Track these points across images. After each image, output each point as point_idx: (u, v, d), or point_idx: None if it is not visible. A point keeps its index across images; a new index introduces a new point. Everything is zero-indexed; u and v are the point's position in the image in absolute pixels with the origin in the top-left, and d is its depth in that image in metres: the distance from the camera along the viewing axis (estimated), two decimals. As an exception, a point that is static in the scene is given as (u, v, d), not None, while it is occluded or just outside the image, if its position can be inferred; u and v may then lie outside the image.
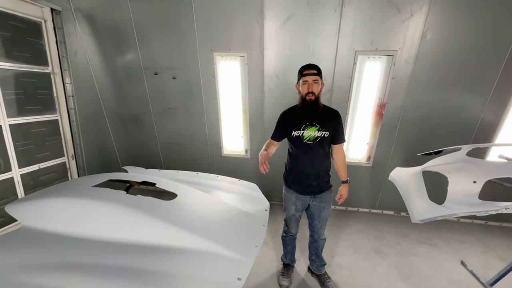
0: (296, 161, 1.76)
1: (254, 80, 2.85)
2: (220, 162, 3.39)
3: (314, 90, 1.58)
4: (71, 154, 3.01)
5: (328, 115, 1.68)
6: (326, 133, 1.65)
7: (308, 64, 1.63)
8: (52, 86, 2.75)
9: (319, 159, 1.71)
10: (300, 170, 1.75)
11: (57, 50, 2.76)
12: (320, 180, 1.75)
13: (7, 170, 2.36)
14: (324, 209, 1.81)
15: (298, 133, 1.68)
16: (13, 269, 1.06)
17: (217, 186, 2.06)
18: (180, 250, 1.19)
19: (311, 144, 1.67)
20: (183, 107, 3.19)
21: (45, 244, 1.23)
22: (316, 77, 1.58)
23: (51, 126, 2.76)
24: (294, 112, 1.73)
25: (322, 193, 1.78)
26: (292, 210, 1.88)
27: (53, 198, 1.46)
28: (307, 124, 1.66)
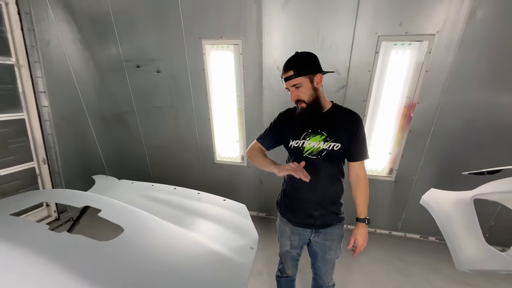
0: (294, 180, 1.21)
1: (251, 73, 2.36)
2: (213, 169, 2.93)
3: (301, 97, 1.15)
4: (42, 158, 2.63)
5: (341, 119, 1.18)
6: (337, 145, 1.16)
7: (285, 63, 1.16)
8: (17, 80, 2.38)
9: (325, 181, 1.20)
10: (297, 194, 1.27)
11: (23, 39, 2.38)
12: (324, 210, 1.24)
13: (-46, 179, 2.00)
14: (330, 250, 1.30)
15: (297, 143, 1.21)
16: None
17: (194, 208, 1.59)
18: None
19: (314, 160, 1.18)
20: (169, 105, 2.75)
21: None
22: (296, 81, 1.12)
23: (15, 127, 2.39)
24: (294, 115, 1.25)
25: (327, 227, 1.27)
26: (286, 246, 1.39)
27: None
28: (309, 132, 1.19)
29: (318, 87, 1.15)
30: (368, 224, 1.23)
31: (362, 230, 1.22)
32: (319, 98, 1.17)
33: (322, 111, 1.19)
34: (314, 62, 1.15)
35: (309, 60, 1.15)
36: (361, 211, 1.23)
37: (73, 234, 1.04)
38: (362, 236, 1.22)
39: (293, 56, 1.17)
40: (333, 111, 1.20)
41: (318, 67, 1.16)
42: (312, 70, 1.13)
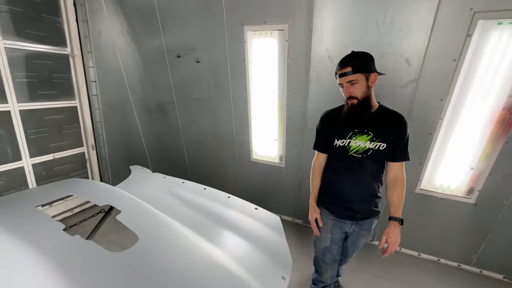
0: (336, 176, 1.33)
1: (296, 63, 2.06)
2: (248, 168, 2.74)
3: (355, 94, 1.16)
4: (91, 144, 2.79)
5: (387, 121, 1.21)
6: (382, 145, 1.20)
7: (341, 60, 1.19)
8: (71, 69, 2.51)
9: (368, 179, 1.26)
10: (339, 190, 1.32)
11: (78, 30, 2.49)
12: (366, 205, 1.30)
13: (17, 159, 2.19)
14: (362, 237, 1.40)
15: (343, 142, 1.25)
16: None
17: (222, 216, 1.41)
18: None
19: (360, 159, 1.23)
20: (207, 98, 2.62)
21: None
22: (353, 77, 1.14)
23: (69, 114, 2.55)
24: (339, 114, 1.28)
25: (366, 219, 1.34)
26: (326, 241, 1.41)
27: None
28: (355, 131, 1.22)
29: (372, 86, 1.17)
30: (401, 224, 1.22)
31: (395, 229, 1.21)
32: (370, 97, 1.19)
33: (371, 110, 1.21)
34: (371, 61, 1.18)
35: (367, 58, 1.17)
36: (395, 210, 1.24)
37: (84, 240, 0.94)
38: (395, 235, 1.20)
39: (350, 54, 1.19)
40: (380, 112, 1.22)
41: (374, 66, 1.18)
42: (369, 69, 1.15)
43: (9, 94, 2.07)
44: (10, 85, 2.07)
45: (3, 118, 2.06)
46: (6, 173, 2.13)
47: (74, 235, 0.95)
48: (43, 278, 0.76)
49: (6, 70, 2.03)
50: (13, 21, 2.03)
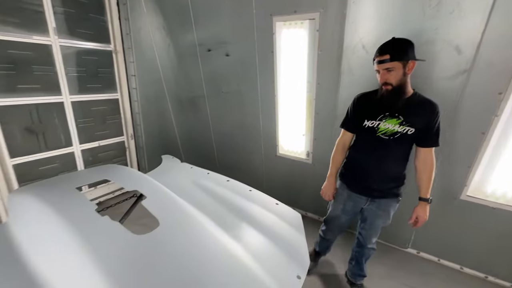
0: (360, 155, 1.43)
1: (327, 55, 1.95)
2: (274, 162, 2.72)
3: (390, 80, 1.21)
4: (130, 134, 3.03)
5: (419, 107, 1.26)
6: (411, 130, 1.26)
7: (380, 47, 1.23)
8: (114, 64, 2.73)
9: (391, 161, 1.34)
10: (360, 167, 1.43)
11: (120, 27, 2.69)
12: (384, 185, 1.38)
13: (68, 145, 2.48)
14: (380, 218, 1.46)
15: (372, 123, 1.33)
16: None
17: (243, 208, 1.41)
18: None
19: (386, 140, 1.30)
20: (235, 91, 2.64)
21: None
22: (390, 65, 1.19)
23: (111, 105, 2.79)
24: (372, 97, 1.35)
25: (382, 199, 1.42)
26: (337, 211, 1.58)
27: (30, 196, 1.19)
28: (386, 114, 1.29)
29: (409, 73, 1.21)
30: (429, 203, 1.35)
31: (423, 207, 1.35)
32: (405, 84, 1.23)
33: (405, 96, 1.24)
34: (411, 48, 1.20)
35: (407, 45, 1.19)
36: (424, 192, 1.34)
37: (111, 220, 1.02)
38: (424, 213, 1.34)
39: (390, 41, 1.22)
40: (413, 98, 1.26)
41: (413, 54, 1.21)
42: (407, 56, 1.18)
43: (63, 87, 2.34)
44: (64, 79, 2.33)
45: (58, 108, 2.34)
46: (60, 157, 2.44)
47: (104, 216, 1.04)
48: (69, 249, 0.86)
49: (61, 66, 2.29)
50: (66, 21, 2.27)
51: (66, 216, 1.01)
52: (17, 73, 2.05)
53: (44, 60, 2.18)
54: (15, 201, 1.26)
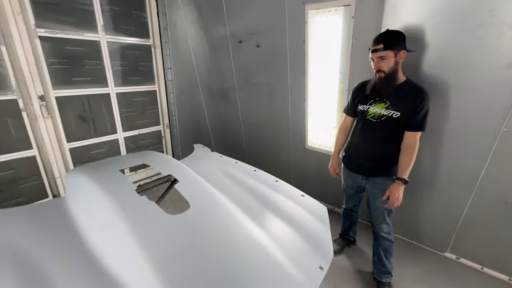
0: (354, 137, 1.63)
1: (363, 43, 1.84)
2: (302, 155, 2.69)
3: (383, 68, 1.36)
4: (166, 124, 3.24)
5: (406, 93, 1.37)
6: (396, 114, 1.37)
7: (375, 37, 1.37)
8: (152, 58, 2.91)
9: (379, 141, 1.47)
10: (355, 147, 1.63)
11: (158, 22, 2.84)
12: (375, 163, 1.52)
13: (114, 132, 2.75)
14: (378, 197, 1.53)
15: (364, 107, 1.51)
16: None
17: (269, 198, 1.44)
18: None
19: (374, 122, 1.46)
20: (265, 82, 2.64)
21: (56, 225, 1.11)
22: (383, 53, 1.33)
23: (150, 97, 3.00)
24: (367, 85, 1.51)
25: (375, 177, 1.54)
26: (344, 185, 1.81)
27: (82, 176, 1.37)
28: (376, 100, 1.45)
29: (400, 62, 1.35)
30: (405, 184, 1.40)
31: (397, 187, 1.40)
32: (397, 72, 1.37)
33: (396, 83, 1.38)
34: (402, 40, 1.34)
35: (399, 37, 1.34)
36: (401, 171, 1.40)
37: (148, 200, 1.13)
38: (397, 191, 1.40)
39: (384, 32, 1.37)
40: (404, 85, 1.38)
41: (405, 44, 1.35)
42: (399, 46, 1.33)
43: (109, 80, 2.58)
44: (110, 72, 2.56)
45: (105, 99, 2.60)
46: (107, 143, 2.71)
47: (142, 196, 1.15)
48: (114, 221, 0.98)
49: (107, 60, 2.52)
50: (112, 19, 2.48)
51: (111, 194, 1.15)
52: (72, 67, 2.31)
53: (93, 55, 2.42)
54: (70, 179, 1.45)
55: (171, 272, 0.85)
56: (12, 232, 1.06)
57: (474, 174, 1.64)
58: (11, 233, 1.05)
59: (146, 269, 0.85)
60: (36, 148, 2.24)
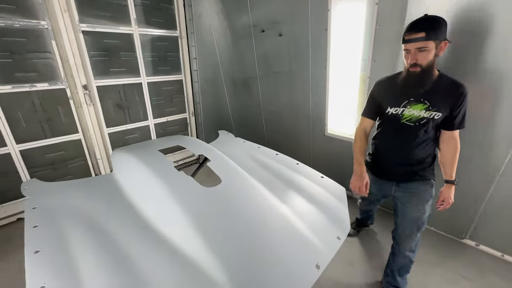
0: (384, 143, 1.42)
1: (386, 30, 1.85)
2: (322, 142, 2.76)
3: (420, 61, 1.13)
4: (191, 112, 3.44)
5: (446, 90, 1.19)
6: (438, 114, 1.20)
7: (412, 23, 1.13)
8: (179, 48, 3.08)
9: (417, 146, 1.30)
10: (385, 154, 1.43)
11: (184, 14, 2.98)
12: (410, 169, 1.34)
13: (145, 119, 2.99)
14: (409, 203, 1.35)
15: (396, 110, 1.28)
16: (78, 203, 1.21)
17: (290, 178, 1.57)
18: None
19: (411, 127, 1.27)
20: (287, 71, 2.71)
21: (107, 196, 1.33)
22: (425, 44, 1.09)
23: (177, 86, 3.19)
24: (394, 82, 1.30)
25: (409, 182, 1.36)
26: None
27: (127, 155, 1.58)
28: (411, 100, 1.24)
29: (439, 55, 1.15)
30: (455, 184, 1.30)
31: (450, 190, 1.29)
32: (433, 66, 1.16)
33: (431, 79, 1.18)
34: (445, 28, 1.12)
35: (442, 24, 1.10)
36: (449, 174, 1.29)
37: (186, 175, 1.30)
38: (450, 195, 1.29)
39: (424, 17, 1.13)
40: (439, 80, 1.19)
41: (446, 33, 1.13)
42: (442, 36, 1.11)
43: (141, 70, 2.78)
44: (142, 63, 2.77)
45: (138, 88, 2.82)
46: (139, 129, 2.96)
47: (180, 171, 1.33)
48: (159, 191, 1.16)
49: (139, 51, 2.72)
50: (143, 12, 2.65)
51: (154, 169, 1.33)
52: (110, 59, 2.53)
53: (127, 47, 2.63)
54: (116, 158, 1.67)
55: (208, 232, 1.01)
56: (78, 197, 1.28)
57: (498, 161, 1.64)
58: (78, 198, 1.28)
59: (189, 230, 1.01)
60: (81, 132, 2.52)
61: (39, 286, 0.83)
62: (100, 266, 0.90)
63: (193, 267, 0.89)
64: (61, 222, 1.12)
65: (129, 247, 0.98)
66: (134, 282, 0.85)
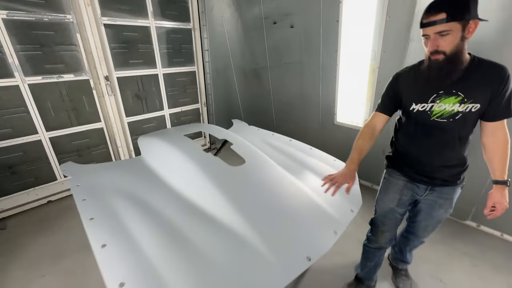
0: (413, 144, 1.17)
1: (396, 20, 1.93)
2: (331, 130, 2.88)
3: (443, 47, 0.92)
4: (203, 102, 3.56)
5: (483, 76, 0.97)
6: (476, 106, 0.99)
7: (431, 4, 0.91)
8: (192, 40, 3.18)
9: (453, 145, 1.09)
10: (417, 158, 1.19)
11: (198, 7, 3.07)
12: (446, 171, 1.14)
13: (161, 109, 3.13)
14: (440, 207, 1.23)
15: (423, 107, 1.06)
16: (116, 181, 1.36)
17: (304, 161, 1.70)
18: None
19: (444, 124, 1.05)
20: (297, 62, 2.81)
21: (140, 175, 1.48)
22: (446, 27, 0.88)
23: (190, 77, 3.31)
24: (417, 74, 1.08)
25: (445, 187, 1.19)
26: (393, 202, 1.28)
27: (156, 139, 1.72)
28: (440, 94, 1.02)
29: (468, 38, 0.92)
30: (508, 185, 1.07)
31: (502, 192, 1.07)
32: (462, 51, 0.93)
33: (461, 66, 0.96)
34: (474, 4, 0.89)
35: (469, 1, 0.88)
36: (500, 173, 1.07)
37: (214, 156, 1.44)
38: (503, 198, 1.06)
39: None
40: (473, 65, 0.97)
41: (476, 11, 0.90)
42: (470, 15, 0.88)
43: (157, 61, 2.90)
44: (158, 54, 2.88)
45: (154, 79, 2.95)
46: (156, 118, 3.11)
47: (208, 153, 1.47)
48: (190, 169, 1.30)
49: (156, 43, 2.83)
50: (159, 5, 2.75)
51: (184, 151, 1.48)
52: (129, 51, 2.66)
53: (145, 39, 2.74)
54: (143, 142, 1.82)
55: (239, 202, 1.16)
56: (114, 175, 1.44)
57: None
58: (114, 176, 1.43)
59: (222, 201, 1.16)
60: (103, 121, 2.67)
61: (101, 245, 0.99)
62: (148, 229, 1.06)
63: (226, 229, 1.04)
64: (105, 195, 1.28)
65: (169, 214, 1.13)
66: (178, 238, 1.00)
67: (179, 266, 0.90)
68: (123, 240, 1.01)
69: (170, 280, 0.85)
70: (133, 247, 0.98)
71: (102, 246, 0.98)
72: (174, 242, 1.00)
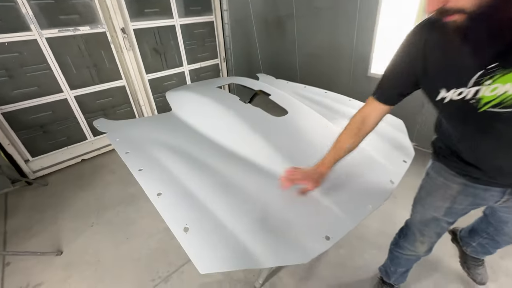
0: (466, 142, 0.75)
1: None
2: (364, 82, 2.66)
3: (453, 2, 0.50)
4: (222, 57, 3.35)
5: None
6: None
7: None
8: (209, -16, 2.85)
9: None
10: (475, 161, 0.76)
11: None
12: None
13: (180, 65, 2.97)
14: None
15: (462, 93, 0.63)
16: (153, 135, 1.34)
17: (345, 112, 1.60)
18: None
19: (504, 114, 0.60)
20: (330, 6, 2.49)
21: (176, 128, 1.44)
22: None
23: (208, 28, 3.05)
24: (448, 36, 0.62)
25: None
26: (439, 211, 0.90)
27: (188, 92, 1.64)
28: (490, 69, 0.57)
29: None
30: None
31: None
32: None
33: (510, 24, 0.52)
34: None
35: None
36: None
37: (254, 106, 1.36)
38: None
39: None
40: None
41: None
42: None
43: (174, 10, 2.66)
44: (174, 2, 2.62)
45: (172, 31, 2.74)
46: (176, 75, 2.98)
47: (247, 103, 1.39)
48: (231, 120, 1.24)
49: (170, -11, 2.55)
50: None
51: (222, 102, 1.40)
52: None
53: (159, -16, 2.47)
54: (173, 96, 1.74)
55: (290, 154, 1.11)
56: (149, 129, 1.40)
57: None
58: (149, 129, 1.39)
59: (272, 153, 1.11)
60: (124, 78, 2.58)
61: (156, 193, 0.98)
62: (197, 177, 1.04)
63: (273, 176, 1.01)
64: (146, 148, 1.26)
65: (215, 163, 1.11)
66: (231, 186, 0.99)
67: (234, 210, 0.90)
68: (176, 188, 1.01)
69: (232, 223, 0.85)
70: (187, 194, 0.98)
71: (157, 195, 0.98)
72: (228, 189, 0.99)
